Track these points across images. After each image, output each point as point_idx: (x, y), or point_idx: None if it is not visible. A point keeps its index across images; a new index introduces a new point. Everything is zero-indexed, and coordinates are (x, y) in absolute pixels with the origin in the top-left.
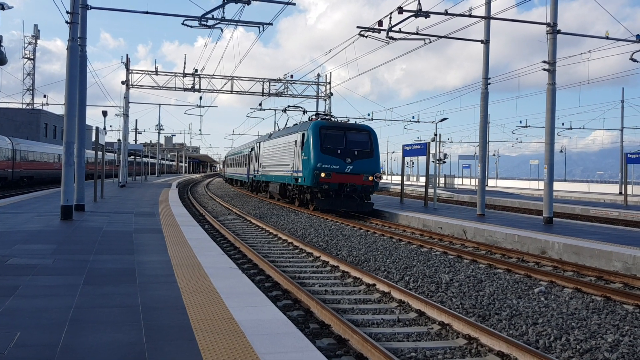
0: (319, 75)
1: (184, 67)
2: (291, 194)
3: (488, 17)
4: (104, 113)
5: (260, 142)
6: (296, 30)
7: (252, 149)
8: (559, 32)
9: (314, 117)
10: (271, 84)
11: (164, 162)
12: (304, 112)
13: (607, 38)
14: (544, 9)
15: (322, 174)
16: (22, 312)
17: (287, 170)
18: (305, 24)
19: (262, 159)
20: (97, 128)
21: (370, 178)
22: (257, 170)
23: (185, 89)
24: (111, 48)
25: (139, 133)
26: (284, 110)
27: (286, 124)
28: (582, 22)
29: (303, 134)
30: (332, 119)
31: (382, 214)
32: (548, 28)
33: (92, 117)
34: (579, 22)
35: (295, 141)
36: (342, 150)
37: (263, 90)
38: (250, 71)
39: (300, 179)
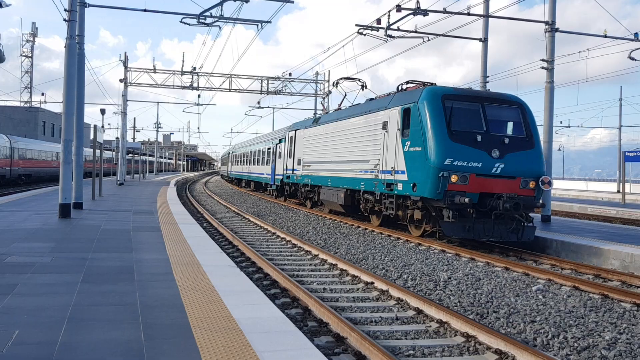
0: (317, 73)
1: (182, 65)
2: (370, 208)
3: (486, 16)
4: (102, 111)
5: (296, 131)
6: (297, 28)
7: (280, 141)
8: (557, 30)
9: (408, 85)
10: (269, 81)
11: (162, 160)
12: (363, 86)
13: (605, 36)
14: (545, 6)
15: (453, 178)
16: (21, 310)
17: (365, 170)
18: (306, 22)
19: (304, 154)
20: (95, 126)
21: (532, 184)
22: (293, 170)
23: (184, 87)
24: (110, 46)
25: (137, 131)
26: (335, 84)
27: (341, 103)
28: (584, 20)
29: (406, 110)
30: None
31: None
32: (546, 26)
33: (91, 115)
34: (580, 20)
35: (385, 123)
36: (483, 137)
37: (261, 89)
38: (250, 69)
39: (401, 185)
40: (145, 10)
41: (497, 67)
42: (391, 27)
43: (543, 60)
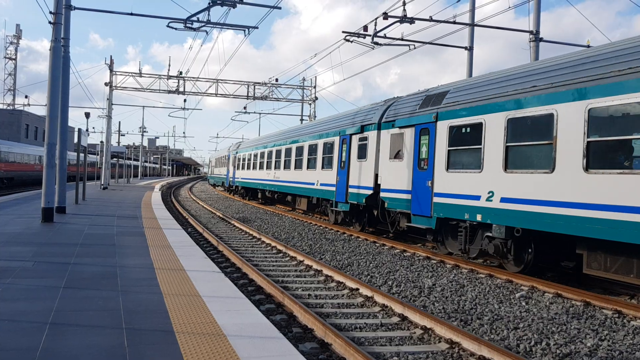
0: (304, 79)
1: (169, 69)
2: None
3: (472, 24)
4: (87, 114)
5: None
6: (291, 32)
7: None
8: (541, 40)
9: None
10: (256, 87)
11: (147, 164)
12: None
13: (588, 47)
14: (530, 17)
15: None
16: (2, 315)
17: None
18: (300, 26)
19: None
20: (79, 130)
21: None
22: None
23: (169, 91)
24: (100, 49)
25: (122, 135)
26: None
27: None
28: (579, 29)
29: None
30: None
31: None
32: (531, 36)
33: (76, 118)
34: (575, 29)
35: None
36: None
37: (248, 94)
38: (242, 73)
39: None
40: (132, 14)
41: None
42: (378, 34)
43: None
